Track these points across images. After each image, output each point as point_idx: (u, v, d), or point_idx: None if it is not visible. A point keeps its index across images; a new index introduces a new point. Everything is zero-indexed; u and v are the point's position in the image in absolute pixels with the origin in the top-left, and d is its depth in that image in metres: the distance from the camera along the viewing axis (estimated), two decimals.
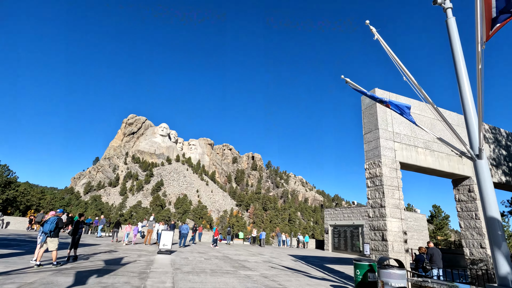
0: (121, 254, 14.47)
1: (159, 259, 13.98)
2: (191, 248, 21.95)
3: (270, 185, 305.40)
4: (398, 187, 10.71)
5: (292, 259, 19.37)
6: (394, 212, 10.36)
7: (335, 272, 14.37)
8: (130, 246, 19.22)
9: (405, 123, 12.03)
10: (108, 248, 16.74)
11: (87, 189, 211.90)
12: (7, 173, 57.95)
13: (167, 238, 16.48)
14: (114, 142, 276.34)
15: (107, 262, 11.47)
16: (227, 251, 21.46)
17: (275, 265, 15.51)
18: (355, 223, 31.00)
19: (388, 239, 9.80)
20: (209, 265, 13.33)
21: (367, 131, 11.97)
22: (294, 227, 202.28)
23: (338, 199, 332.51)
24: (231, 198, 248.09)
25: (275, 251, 26.41)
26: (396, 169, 10.98)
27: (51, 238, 9.94)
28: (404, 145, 11.66)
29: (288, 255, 22.32)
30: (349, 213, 32.18)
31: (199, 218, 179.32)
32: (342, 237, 32.30)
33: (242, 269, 12.81)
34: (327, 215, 35.55)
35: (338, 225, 33.25)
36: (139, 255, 14.67)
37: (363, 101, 12.42)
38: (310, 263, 18.11)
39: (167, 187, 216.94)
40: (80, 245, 17.45)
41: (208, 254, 18.34)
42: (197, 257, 16.10)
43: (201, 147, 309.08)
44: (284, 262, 17.35)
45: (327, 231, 34.79)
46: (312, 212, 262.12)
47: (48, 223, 9.99)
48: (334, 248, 33.06)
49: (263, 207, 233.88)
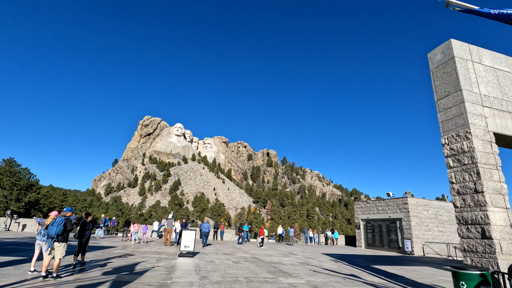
0: (138, 259, 12.52)
1: (181, 264, 11.90)
2: (215, 248, 19.90)
3: (287, 181, 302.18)
4: (497, 166, 7.95)
5: (331, 259, 16.87)
6: (496, 199, 7.63)
7: (392, 276, 11.77)
8: (148, 248, 17.37)
9: (493, 83, 9.16)
10: (124, 252, 14.89)
11: (108, 190, 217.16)
12: (28, 176, 58.60)
13: (189, 239, 14.41)
14: (131, 143, 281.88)
15: (120, 270, 9.46)
16: (255, 251, 19.25)
17: (316, 267, 13.09)
18: (391, 216, 27.98)
19: (492, 236, 7.11)
20: (241, 270, 11.10)
21: (442, 95, 9.21)
22: (313, 222, 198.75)
23: (357, 193, 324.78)
24: (248, 195, 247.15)
25: (306, 249, 23.97)
26: (490, 142, 8.18)
27: (58, 243, 7.97)
28: (496, 111, 8.82)
29: (323, 254, 19.83)
30: (384, 206, 29.15)
31: (217, 215, 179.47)
32: (376, 233, 29.37)
33: (282, 275, 10.49)
34: (358, 209, 32.64)
35: (372, 219, 30.30)
36: (158, 259, 12.67)
37: (433, 58, 9.63)
38: (354, 264, 15.54)
39: (184, 186, 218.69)
40: (94, 248, 15.73)
41: (235, 255, 16.17)
42: (223, 260, 13.95)
43: (216, 146, 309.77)
44: (324, 263, 14.89)
45: (358, 226, 31.90)
46: (330, 207, 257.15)
47: (54, 225, 8.00)
48: (368, 245, 30.19)
49: (281, 203, 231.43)
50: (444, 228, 28.03)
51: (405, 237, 26.20)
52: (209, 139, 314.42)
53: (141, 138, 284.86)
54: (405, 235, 26.33)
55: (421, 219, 26.81)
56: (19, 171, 57.49)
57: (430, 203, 28.31)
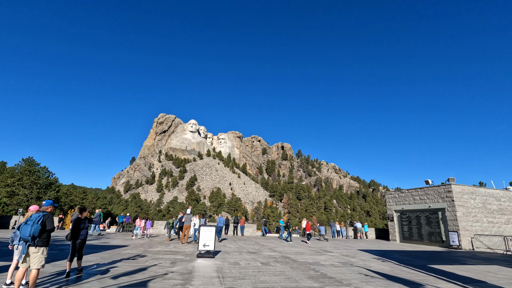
0: (149, 261, 10.49)
1: (200, 267, 9.75)
2: (237, 245, 17.75)
3: (302, 174, 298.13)
4: None
5: (374, 258, 14.28)
6: None
7: (471, 282, 9.09)
8: (162, 247, 15.44)
9: None
10: (135, 252, 12.96)
11: (127, 187, 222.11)
12: (47, 175, 59.03)
13: (209, 237, 12.27)
14: (147, 141, 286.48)
15: (122, 279, 7.39)
16: (282, 248, 16.94)
17: (364, 269, 10.60)
18: (431, 206, 24.83)
19: None
20: (275, 276, 8.79)
21: None
22: (331, 215, 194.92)
23: (375, 185, 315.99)
24: (263, 189, 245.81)
25: (338, 245, 21.43)
26: None
27: (35, 248, 5.88)
28: None
29: (361, 251, 17.25)
30: (422, 195, 25.98)
31: (234, 210, 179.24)
32: (414, 225, 26.32)
33: (330, 283, 8.08)
34: (390, 199, 29.58)
35: (407, 210, 27.24)
36: (173, 262, 10.59)
37: None
38: (406, 263, 12.89)
39: (200, 182, 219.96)
40: (102, 248, 13.91)
41: (261, 254, 13.92)
42: (250, 260, 11.71)
43: (230, 141, 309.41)
44: (369, 263, 12.36)
45: (391, 218, 28.90)
46: (348, 199, 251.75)
47: (28, 224, 5.91)
48: (404, 238, 27.21)
49: (297, 196, 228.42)
50: (494, 219, 24.60)
51: (449, 230, 23.06)
52: (223, 134, 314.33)
53: (156, 135, 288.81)
54: (449, 227, 23.18)
55: (467, 209, 23.54)
56: (38, 170, 57.95)
57: (477, 190, 24.89)
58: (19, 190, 52.57)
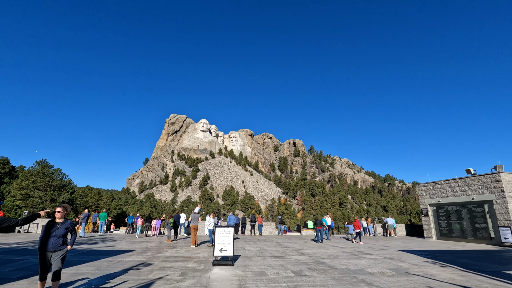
0: (154, 272, 8.40)
1: (217, 280, 7.55)
2: (258, 247, 15.52)
3: (315, 170, 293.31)
4: None
5: (427, 262, 11.71)
6: None
7: None
8: (172, 252, 13.38)
9: None
10: (140, 259, 10.93)
11: (141, 188, 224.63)
12: (60, 177, 58.79)
13: (226, 239, 10.08)
14: (160, 142, 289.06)
15: None
16: (311, 250, 14.57)
17: (428, 280, 8.11)
18: (475, 199, 21.79)
19: None
20: None
21: None
22: (346, 211, 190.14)
23: (391, 179, 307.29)
24: (276, 186, 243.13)
25: (372, 245, 18.85)
26: None
27: None
28: None
29: (403, 252, 14.66)
30: (463, 186, 22.94)
31: (248, 208, 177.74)
32: (453, 220, 23.32)
33: None
34: (423, 192, 26.58)
35: (445, 203, 24.24)
36: (183, 273, 8.45)
37: None
38: (474, 269, 10.28)
39: (213, 181, 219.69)
40: (102, 254, 11.96)
41: (288, 258, 11.63)
42: (278, 268, 9.44)
43: (242, 139, 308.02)
44: (427, 269, 9.83)
45: (426, 213, 25.92)
46: (363, 195, 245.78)
47: None
48: (441, 235, 24.24)
49: (311, 193, 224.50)
50: None
51: (500, 225, 20.01)
52: (234, 132, 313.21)
53: (168, 136, 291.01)
54: (499, 221, 20.12)
55: None
56: (52, 172, 57.75)
57: None
58: (34, 193, 52.38)
